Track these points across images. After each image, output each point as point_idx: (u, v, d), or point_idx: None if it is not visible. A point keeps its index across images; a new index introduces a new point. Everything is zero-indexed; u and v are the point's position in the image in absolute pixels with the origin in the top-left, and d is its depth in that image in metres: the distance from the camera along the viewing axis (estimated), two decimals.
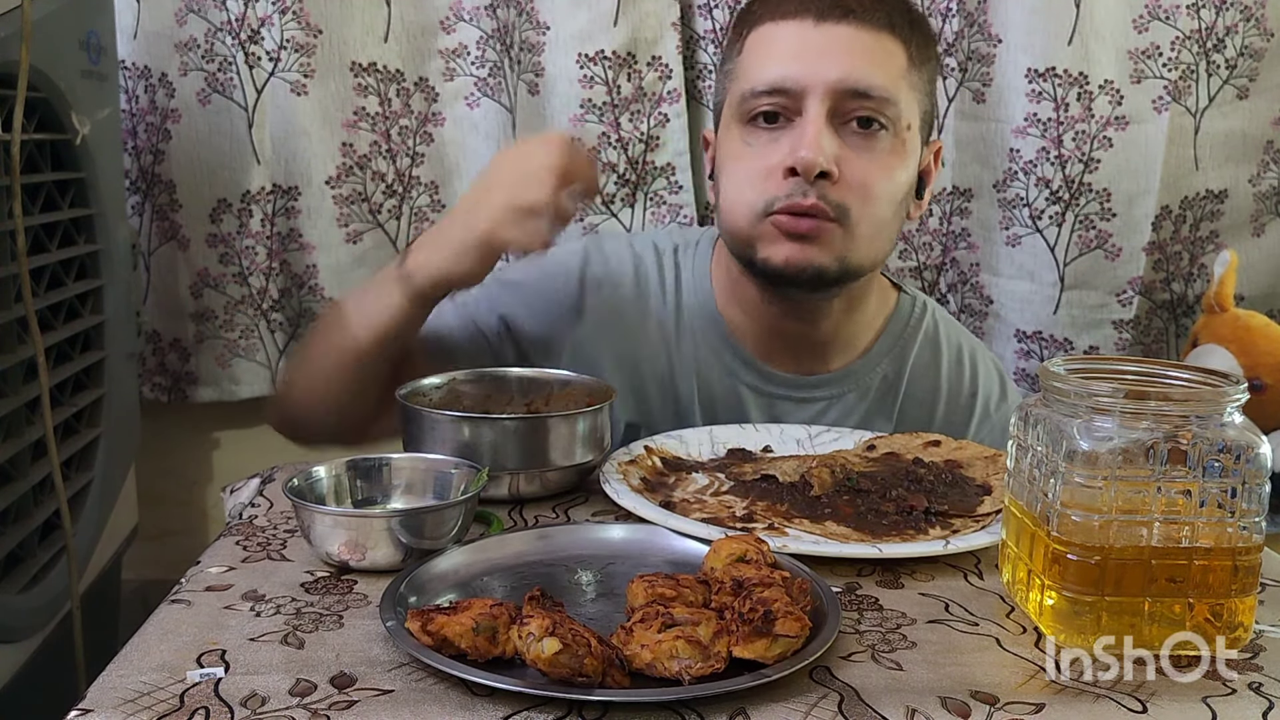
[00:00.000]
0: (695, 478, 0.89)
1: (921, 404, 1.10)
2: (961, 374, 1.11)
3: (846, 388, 1.08)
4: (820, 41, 0.95)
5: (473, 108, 1.47)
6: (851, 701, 0.55)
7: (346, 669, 0.57)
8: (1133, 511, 0.60)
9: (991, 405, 1.11)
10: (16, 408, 0.99)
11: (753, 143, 0.97)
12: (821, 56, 0.94)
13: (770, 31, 0.97)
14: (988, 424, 1.11)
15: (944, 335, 1.12)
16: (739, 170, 0.99)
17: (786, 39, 0.96)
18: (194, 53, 1.43)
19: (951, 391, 1.10)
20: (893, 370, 1.09)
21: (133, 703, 0.54)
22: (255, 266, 1.48)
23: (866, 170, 0.95)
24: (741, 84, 0.98)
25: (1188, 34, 1.43)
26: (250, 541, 0.76)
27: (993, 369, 1.14)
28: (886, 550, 0.73)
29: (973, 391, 1.11)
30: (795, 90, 0.94)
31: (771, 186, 0.95)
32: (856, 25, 0.95)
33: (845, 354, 1.08)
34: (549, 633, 0.54)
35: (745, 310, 1.07)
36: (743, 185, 0.98)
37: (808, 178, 0.93)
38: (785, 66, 0.95)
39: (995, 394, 1.12)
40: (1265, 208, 1.53)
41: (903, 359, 1.10)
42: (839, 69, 0.94)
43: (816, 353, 1.07)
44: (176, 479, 1.59)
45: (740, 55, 1.00)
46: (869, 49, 0.95)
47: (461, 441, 0.83)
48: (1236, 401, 0.60)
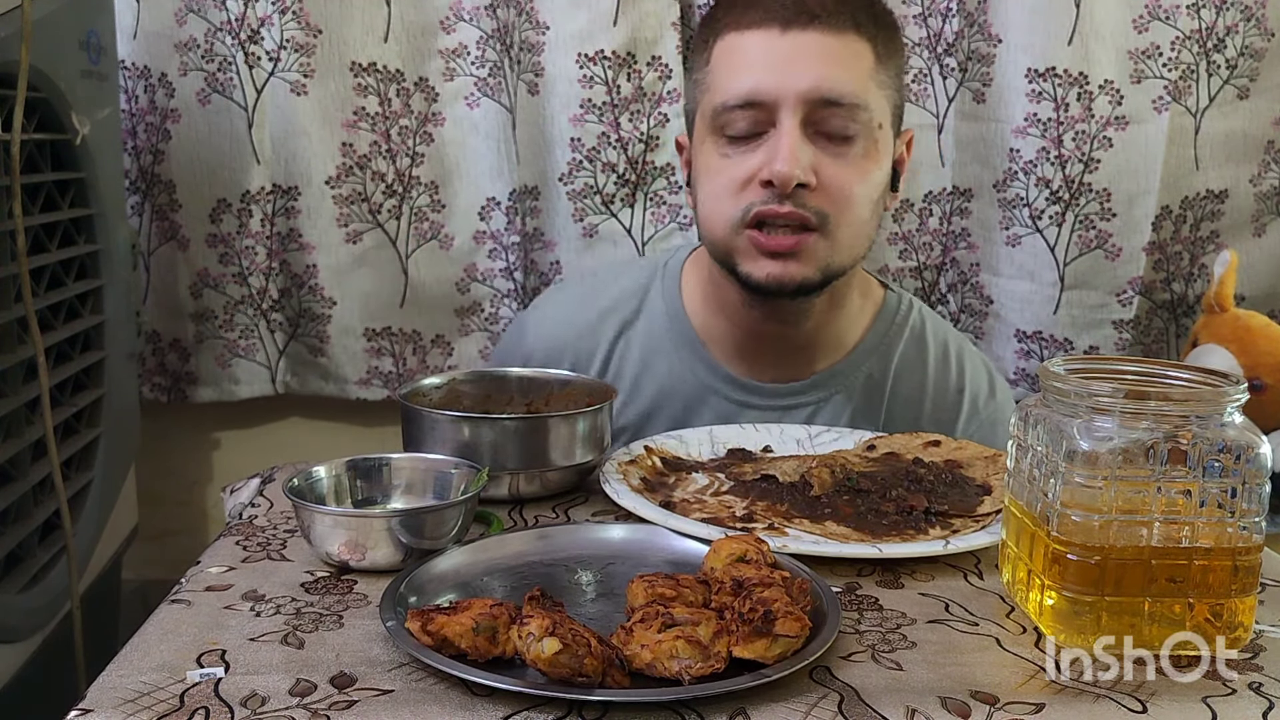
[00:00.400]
0: (695, 478, 0.89)
1: (908, 402, 1.10)
2: (948, 371, 1.11)
3: (833, 389, 1.08)
4: (788, 50, 0.94)
5: (473, 108, 1.47)
6: (851, 701, 0.55)
7: (346, 669, 0.57)
8: (1133, 511, 0.60)
9: (980, 402, 1.11)
10: (16, 408, 0.99)
11: (729, 153, 0.98)
12: (790, 66, 0.94)
13: (736, 42, 0.97)
14: (975, 421, 1.11)
15: (930, 332, 1.12)
16: (715, 183, 0.99)
17: (754, 49, 0.96)
18: (194, 53, 1.42)
19: (938, 389, 1.10)
20: (878, 369, 1.09)
21: (133, 703, 0.54)
22: (255, 266, 1.48)
23: (843, 176, 0.95)
24: (713, 96, 0.98)
25: (1188, 34, 1.43)
26: (250, 541, 0.76)
27: (980, 366, 1.14)
28: (886, 550, 0.73)
29: (959, 388, 1.11)
30: (767, 102, 0.94)
31: (748, 196, 0.96)
32: (822, 30, 0.94)
33: (830, 354, 1.08)
34: (549, 633, 0.54)
35: (727, 315, 1.07)
36: (720, 197, 0.98)
37: (784, 190, 0.93)
38: (755, 78, 0.95)
39: (984, 391, 1.12)
40: (1266, 208, 1.52)
41: (888, 357, 1.09)
42: (809, 78, 0.93)
43: (801, 354, 1.07)
44: (176, 479, 1.59)
45: (708, 66, 1.00)
46: (837, 54, 0.95)
47: (461, 441, 0.83)
48: (1236, 401, 0.60)
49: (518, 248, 1.50)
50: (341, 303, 1.50)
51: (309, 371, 1.54)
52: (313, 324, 1.51)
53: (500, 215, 1.50)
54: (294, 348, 1.53)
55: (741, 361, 1.08)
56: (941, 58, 1.51)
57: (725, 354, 1.09)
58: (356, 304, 1.51)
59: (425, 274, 1.51)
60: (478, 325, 1.55)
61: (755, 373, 1.08)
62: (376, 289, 1.51)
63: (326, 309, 1.50)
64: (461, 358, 1.55)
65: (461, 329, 1.55)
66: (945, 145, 1.53)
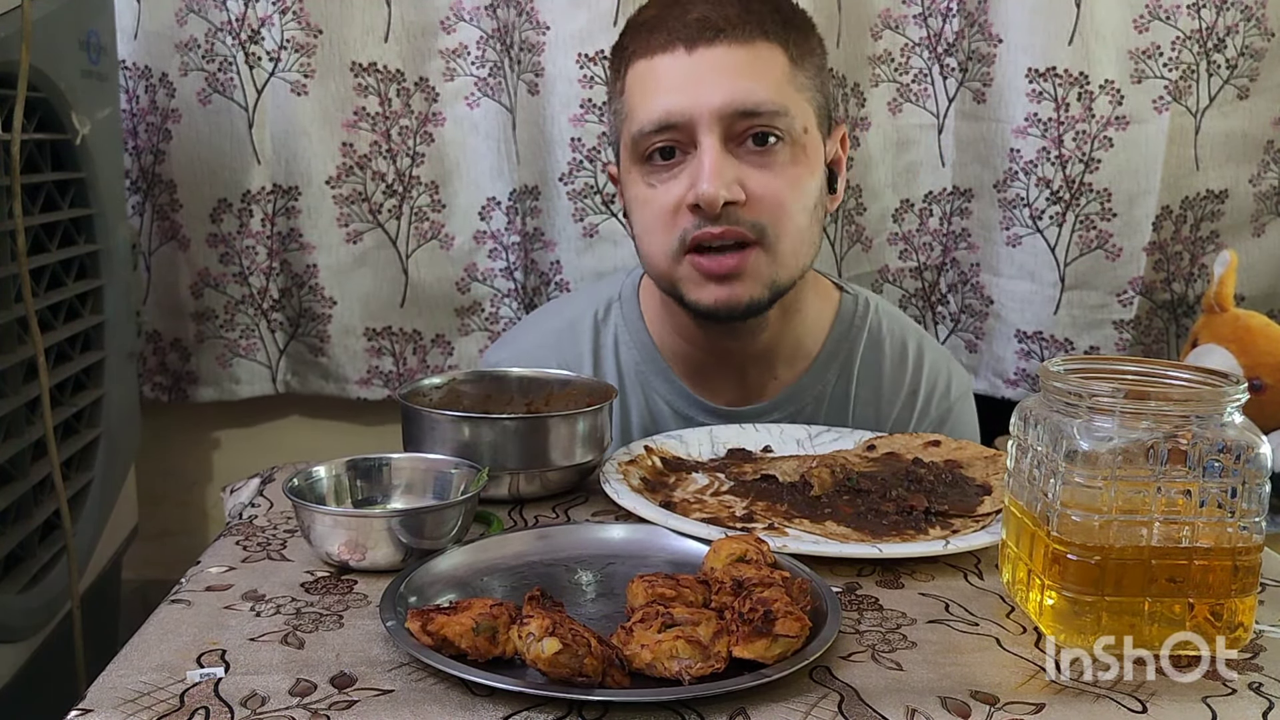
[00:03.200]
0: (695, 478, 0.89)
1: (867, 405, 1.08)
2: (904, 372, 1.09)
3: (802, 403, 1.07)
4: (696, 69, 0.93)
5: (473, 108, 1.47)
6: (851, 701, 0.55)
7: (346, 669, 0.57)
8: (1133, 511, 0.60)
9: (933, 400, 1.09)
10: (16, 408, 0.99)
11: (654, 183, 0.96)
12: (701, 84, 0.92)
13: (645, 68, 0.95)
14: (926, 420, 1.09)
15: (886, 332, 1.09)
16: (647, 213, 0.97)
17: (663, 73, 0.94)
18: (194, 53, 1.43)
19: (892, 390, 1.09)
20: (841, 377, 1.08)
21: (133, 703, 0.54)
22: (255, 266, 1.48)
23: (773, 186, 0.93)
24: (630, 125, 0.96)
25: (1188, 34, 1.43)
26: (250, 541, 0.76)
27: (940, 363, 1.12)
28: (886, 550, 0.73)
29: (914, 389, 1.09)
30: (683, 123, 0.93)
31: (681, 221, 0.94)
32: (728, 43, 0.93)
33: (793, 364, 1.07)
34: (549, 633, 0.54)
35: (684, 336, 1.06)
36: (653, 229, 0.96)
37: (712, 211, 0.91)
38: (668, 100, 0.93)
39: (939, 389, 1.10)
40: (1266, 208, 1.52)
41: (850, 363, 1.08)
42: (721, 94, 0.92)
43: (762, 366, 1.06)
44: (176, 479, 1.59)
45: (623, 95, 0.98)
46: (747, 65, 0.93)
47: (461, 441, 0.83)
48: (1236, 401, 0.60)
49: (518, 247, 1.50)
50: (342, 302, 1.50)
51: (309, 371, 1.54)
52: (313, 324, 1.51)
53: (500, 215, 1.50)
54: (294, 347, 1.53)
55: (705, 383, 1.07)
56: (942, 58, 1.51)
57: (688, 375, 1.07)
58: (357, 304, 1.51)
59: (425, 274, 1.51)
60: (478, 325, 1.55)
61: (717, 395, 1.07)
62: (377, 289, 1.51)
63: (327, 309, 1.50)
64: (461, 357, 1.55)
65: (462, 329, 1.55)
66: (945, 145, 1.53)
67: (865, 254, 1.57)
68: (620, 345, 1.09)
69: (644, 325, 1.09)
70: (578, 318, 1.11)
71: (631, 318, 1.09)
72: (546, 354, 1.07)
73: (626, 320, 1.09)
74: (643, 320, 1.09)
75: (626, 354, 1.09)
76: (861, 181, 1.54)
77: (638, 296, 1.10)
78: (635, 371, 1.08)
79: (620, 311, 1.10)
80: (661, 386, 1.07)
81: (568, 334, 1.10)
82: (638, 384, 1.08)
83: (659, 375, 1.07)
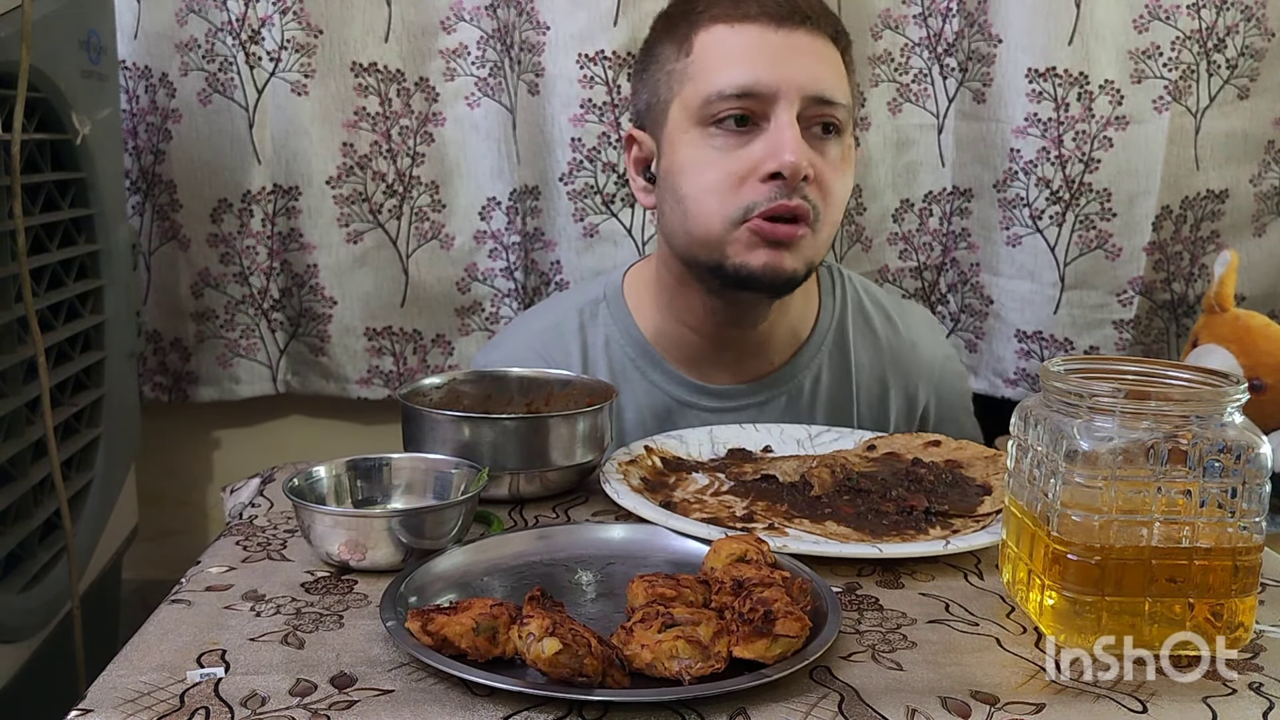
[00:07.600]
0: (695, 478, 0.89)
1: (873, 368, 1.12)
2: (895, 329, 1.14)
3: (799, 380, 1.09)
4: (784, 46, 0.95)
5: (473, 108, 1.47)
6: (851, 701, 0.55)
7: (346, 669, 0.57)
8: (1133, 511, 0.60)
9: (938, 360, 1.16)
10: (16, 408, 0.99)
11: (721, 147, 0.96)
12: (789, 61, 0.95)
13: (725, 34, 0.96)
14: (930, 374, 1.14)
15: (865, 296, 1.15)
16: (707, 175, 0.97)
17: (748, 42, 0.95)
18: (194, 53, 1.43)
19: (892, 348, 1.13)
20: (838, 347, 1.11)
21: (133, 703, 0.54)
22: (256, 266, 1.48)
23: (830, 174, 0.97)
24: (700, 85, 0.97)
25: (1188, 34, 1.43)
26: (250, 541, 0.76)
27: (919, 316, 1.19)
28: (887, 550, 0.73)
29: (913, 342, 1.14)
30: (766, 94, 0.94)
31: (749, 192, 0.95)
32: (812, 32, 0.96)
33: (787, 347, 1.10)
34: (549, 633, 0.54)
35: (688, 321, 1.07)
36: (715, 191, 0.96)
37: (794, 181, 0.93)
38: (754, 70, 0.94)
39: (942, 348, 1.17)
40: (1266, 208, 1.52)
41: (843, 331, 1.12)
42: (808, 74, 0.94)
43: (759, 353, 1.08)
44: (176, 479, 1.59)
45: (689, 57, 0.98)
46: (826, 56, 0.97)
47: (461, 441, 0.83)
48: (1236, 401, 0.60)
49: (518, 247, 1.50)
50: (342, 302, 1.50)
51: (310, 371, 1.54)
52: (313, 323, 1.51)
53: (501, 215, 1.50)
54: (295, 347, 1.53)
55: (701, 371, 1.08)
56: (942, 58, 1.51)
57: (684, 363, 1.08)
58: (357, 304, 1.51)
59: (426, 274, 1.51)
60: (478, 325, 1.55)
61: (717, 376, 1.08)
62: (377, 289, 1.51)
63: (327, 308, 1.50)
64: (462, 357, 1.55)
65: (462, 329, 1.55)
66: (945, 145, 1.53)
67: (865, 254, 1.57)
68: (611, 344, 1.10)
69: (634, 322, 1.10)
70: (562, 318, 1.12)
71: (620, 315, 1.10)
72: (532, 355, 1.09)
73: (616, 319, 1.10)
74: (632, 317, 1.10)
75: (619, 351, 1.09)
76: (861, 181, 1.54)
77: (623, 295, 1.12)
78: (631, 367, 1.09)
79: (609, 311, 1.11)
80: (658, 377, 1.08)
81: (553, 334, 1.11)
82: (633, 379, 1.09)
83: (655, 367, 1.08)
